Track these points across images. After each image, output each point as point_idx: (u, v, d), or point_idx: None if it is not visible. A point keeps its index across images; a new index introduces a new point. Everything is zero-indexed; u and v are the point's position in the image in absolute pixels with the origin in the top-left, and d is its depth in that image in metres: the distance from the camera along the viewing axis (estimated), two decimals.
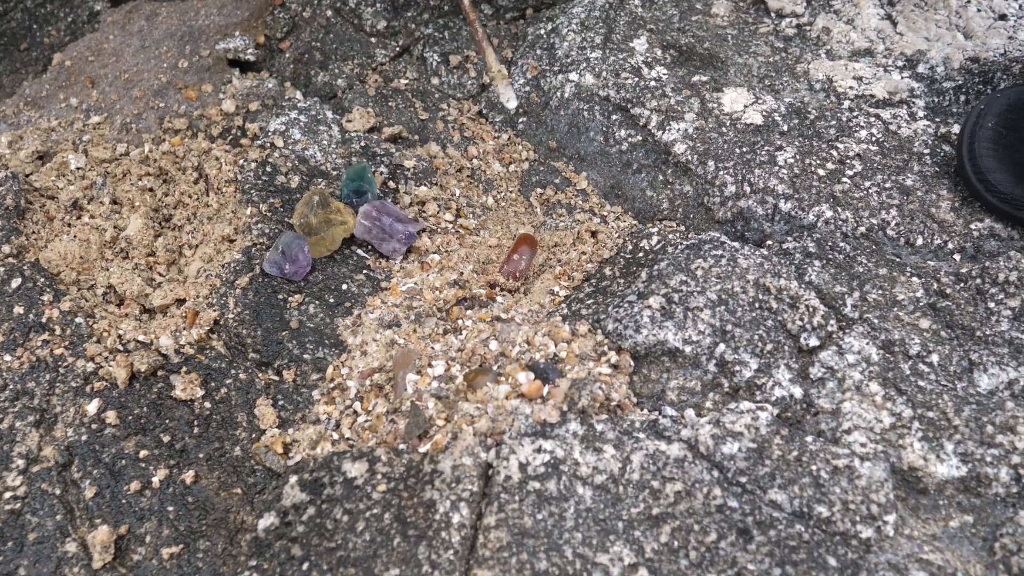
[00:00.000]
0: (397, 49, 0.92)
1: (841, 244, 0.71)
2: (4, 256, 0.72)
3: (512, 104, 0.77)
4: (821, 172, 0.76)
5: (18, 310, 0.69)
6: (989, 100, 0.76)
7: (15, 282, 0.70)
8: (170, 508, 0.61)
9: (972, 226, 0.73)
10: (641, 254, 0.73)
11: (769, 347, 0.64)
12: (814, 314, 0.65)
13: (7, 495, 0.60)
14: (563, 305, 0.71)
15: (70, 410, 0.64)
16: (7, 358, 0.67)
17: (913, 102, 0.83)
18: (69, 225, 0.77)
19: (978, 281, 0.67)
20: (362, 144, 0.84)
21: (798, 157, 0.77)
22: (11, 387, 0.65)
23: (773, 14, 0.92)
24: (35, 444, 0.63)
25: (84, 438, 0.63)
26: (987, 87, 0.83)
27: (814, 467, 0.57)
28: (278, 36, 0.95)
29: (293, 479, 0.59)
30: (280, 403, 0.67)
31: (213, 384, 0.67)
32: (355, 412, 0.65)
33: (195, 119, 0.86)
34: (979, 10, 0.90)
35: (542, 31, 0.92)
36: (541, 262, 0.77)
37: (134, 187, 0.80)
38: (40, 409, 0.64)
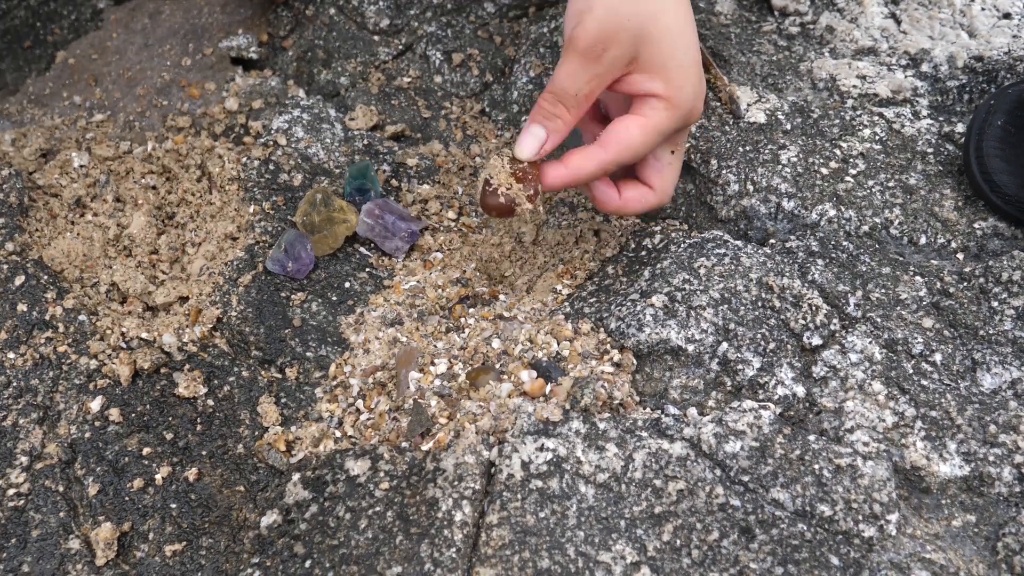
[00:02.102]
0: (400, 47, 0.92)
1: (844, 243, 0.71)
2: (8, 254, 0.73)
3: (744, 107, 0.80)
4: (824, 171, 0.76)
5: (21, 307, 0.69)
6: (998, 96, 0.75)
7: (18, 280, 0.71)
8: (173, 505, 0.61)
9: (976, 225, 0.72)
10: (644, 252, 0.73)
11: (772, 346, 0.64)
12: (817, 313, 0.65)
13: (10, 492, 0.60)
14: (566, 303, 0.71)
15: (73, 407, 0.64)
16: (10, 355, 0.67)
17: (917, 101, 0.83)
18: (72, 223, 0.77)
19: (981, 280, 0.67)
20: (365, 142, 0.84)
21: (801, 156, 0.76)
22: (14, 384, 0.65)
23: (777, 12, 0.92)
24: (38, 441, 0.63)
25: (87, 435, 0.63)
26: (991, 86, 0.83)
27: (817, 466, 0.57)
28: (281, 34, 0.95)
29: (296, 477, 0.59)
30: (283, 401, 0.67)
31: (216, 382, 0.67)
32: (358, 410, 0.65)
33: (198, 117, 0.86)
34: (983, 9, 0.90)
35: (544, 29, 0.92)
36: (543, 261, 0.77)
37: (137, 185, 0.80)
38: (43, 406, 0.64)
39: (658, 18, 0.62)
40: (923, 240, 0.72)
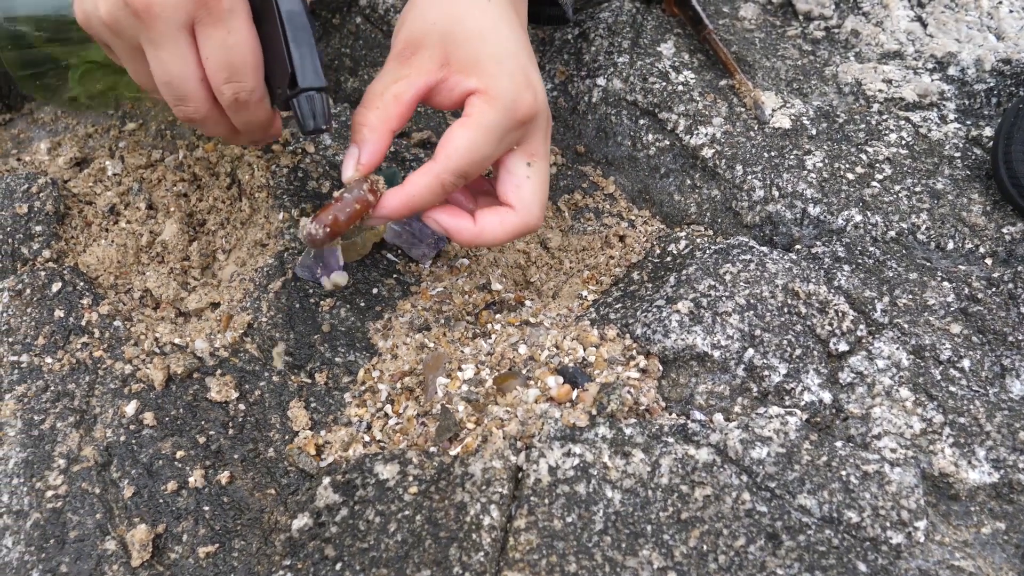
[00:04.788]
0: None
1: (871, 248, 0.71)
2: (45, 260, 0.74)
3: (769, 112, 0.79)
4: (850, 176, 0.75)
5: (59, 313, 0.70)
6: None
7: (55, 286, 0.72)
8: (206, 508, 0.62)
9: (1004, 230, 0.72)
10: (669, 258, 0.74)
11: (798, 352, 0.64)
12: (843, 319, 0.65)
13: (49, 494, 0.62)
14: (591, 309, 0.71)
15: (109, 411, 0.66)
16: (48, 360, 0.68)
17: (944, 105, 0.83)
18: (106, 230, 0.78)
19: (1010, 286, 0.67)
20: (392, 149, 0.85)
21: (827, 161, 0.76)
22: (52, 388, 0.67)
23: (801, 17, 0.92)
24: (75, 444, 0.64)
25: (122, 439, 0.65)
26: (1020, 89, 0.82)
27: (844, 472, 0.57)
28: None
29: (326, 480, 0.60)
30: (312, 405, 0.68)
31: (247, 386, 0.68)
32: (386, 415, 0.65)
33: None
34: (1011, 11, 0.89)
35: (569, 36, 0.92)
36: (568, 267, 0.77)
37: (169, 192, 0.81)
38: (80, 410, 0.66)
39: (464, 20, 0.61)
40: (950, 245, 0.72)
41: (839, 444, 0.59)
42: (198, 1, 0.54)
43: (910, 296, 0.67)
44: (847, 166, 0.76)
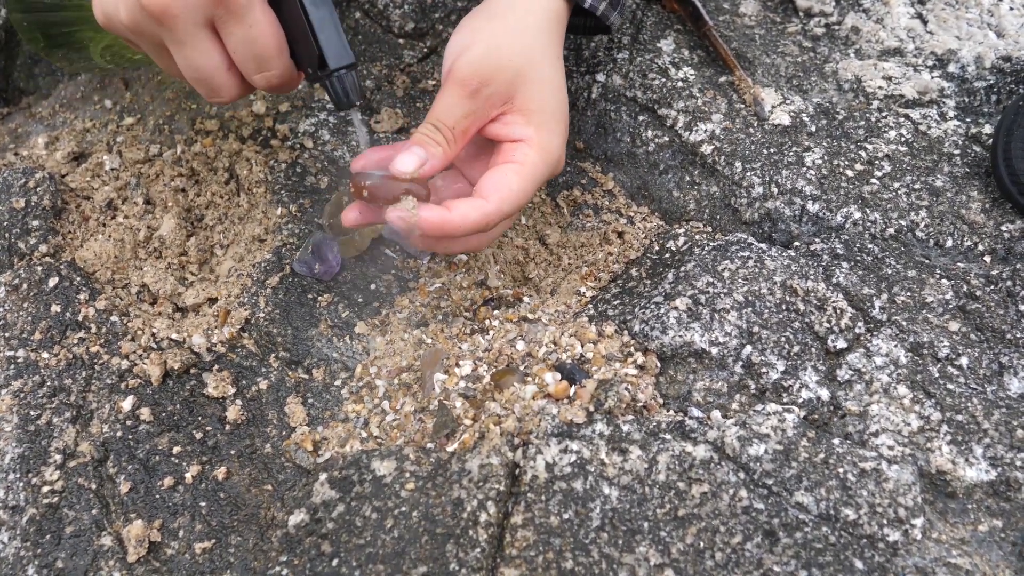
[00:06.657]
0: (424, 50, 0.93)
1: (869, 246, 0.71)
2: (42, 255, 0.74)
3: (768, 109, 0.79)
4: (849, 173, 0.75)
5: (55, 308, 0.70)
6: None
7: (52, 281, 0.72)
8: (203, 504, 0.62)
9: (1003, 227, 0.72)
10: (668, 255, 0.73)
11: (796, 349, 0.63)
12: (842, 316, 0.65)
13: (45, 489, 0.61)
14: (589, 306, 0.71)
15: (105, 407, 0.66)
16: (44, 355, 0.68)
17: (943, 102, 0.82)
18: (104, 225, 0.78)
19: (1009, 283, 0.67)
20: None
21: (826, 158, 0.76)
22: (48, 384, 0.67)
23: (802, 13, 0.92)
24: (72, 440, 0.64)
25: (119, 434, 0.64)
26: (1019, 86, 0.82)
27: (841, 470, 0.57)
28: None
29: (323, 476, 0.60)
30: (310, 401, 0.67)
31: (244, 382, 0.68)
32: (383, 411, 0.65)
33: (226, 120, 0.87)
34: (1011, 8, 0.89)
35: (569, 35, 0.92)
36: (567, 263, 0.77)
37: (167, 188, 0.81)
38: (77, 405, 0.66)
39: (536, 64, 0.64)
40: (949, 243, 0.71)
41: (836, 441, 0.59)
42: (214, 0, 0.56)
43: (908, 293, 0.67)
44: (846, 163, 0.76)
